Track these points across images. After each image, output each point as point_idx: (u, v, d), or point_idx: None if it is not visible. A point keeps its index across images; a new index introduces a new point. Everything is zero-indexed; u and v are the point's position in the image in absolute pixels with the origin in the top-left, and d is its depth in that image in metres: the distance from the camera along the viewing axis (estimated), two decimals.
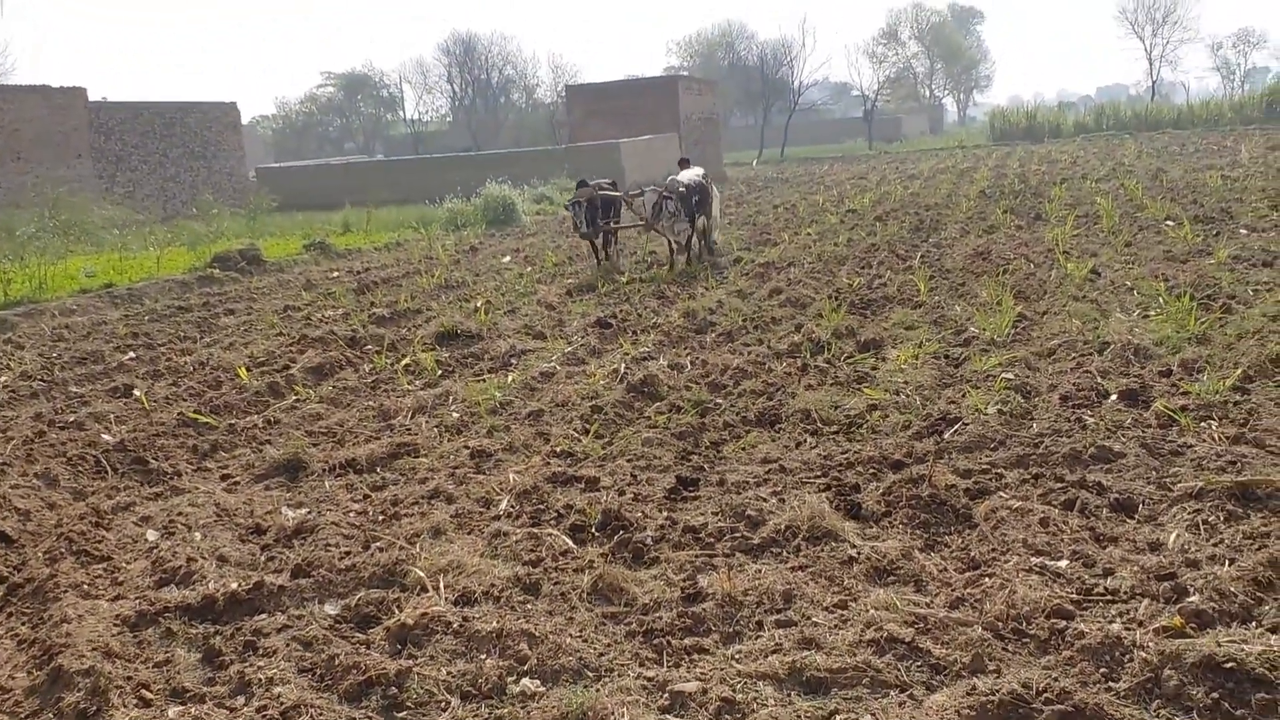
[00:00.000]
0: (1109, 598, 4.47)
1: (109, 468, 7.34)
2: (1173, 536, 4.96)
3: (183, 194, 36.07)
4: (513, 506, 6.04)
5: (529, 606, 4.76)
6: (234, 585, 5.04)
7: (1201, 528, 5.06)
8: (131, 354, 11.32)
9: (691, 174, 16.09)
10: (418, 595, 4.85)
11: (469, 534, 5.68)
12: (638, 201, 16.11)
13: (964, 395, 7.66)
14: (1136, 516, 5.36)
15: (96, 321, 13.64)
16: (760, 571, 4.94)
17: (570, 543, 5.43)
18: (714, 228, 16.81)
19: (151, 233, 23.04)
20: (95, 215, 24.62)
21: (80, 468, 7.31)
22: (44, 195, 26.92)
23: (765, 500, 5.89)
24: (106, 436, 7.90)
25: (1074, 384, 7.61)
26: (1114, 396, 7.27)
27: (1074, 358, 8.45)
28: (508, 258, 18.43)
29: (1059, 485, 5.75)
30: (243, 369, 9.93)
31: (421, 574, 5.01)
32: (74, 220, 22.75)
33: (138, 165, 36.07)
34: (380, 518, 6.07)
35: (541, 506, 6.02)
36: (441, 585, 4.91)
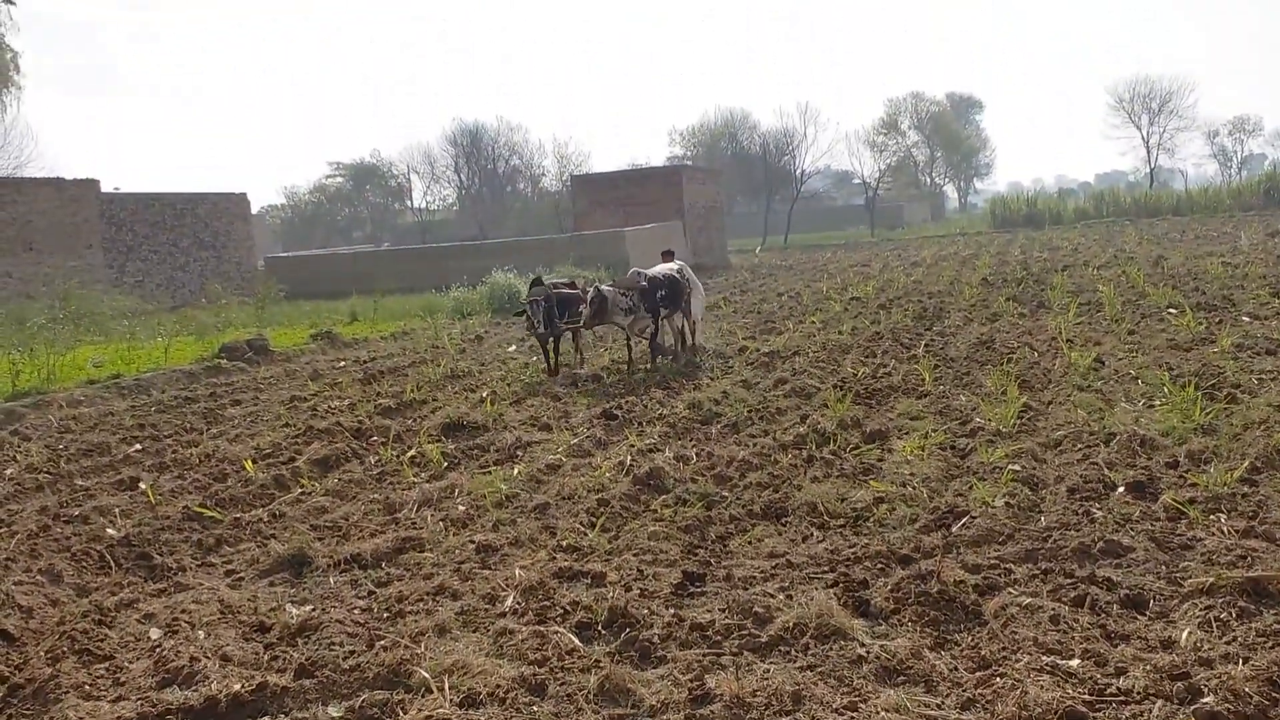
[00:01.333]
0: (1122, 698, 4.41)
1: (113, 563, 7.31)
2: (1185, 634, 4.91)
3: (192, 283, 36.48)
4: (519, 603, 6.00)
5: (535, 708, 4.70)
6: (237, 686, 4.98)
7: (1214, 625, 5.02)
8: (138, 446, 11.34)
9: (664, 268, 15.21)
10: (423, 697, 4.79)
11: (474, 632, 5.63)
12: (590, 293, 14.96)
13: (971, 488, 7.64)
14: (1147, 613, 5.32)
15: (104, 413, 13.68)
16: (769, 671, 4.88)
17: (576, 641, 5.37)
18: (695, 327, 15.92)
19: (160, 323, 23.24)
20: (105, 305, 24.80)
21: (84, 563, 7.28)
22: (55, 285, 27.18)
23: (772, 596, 5.85)
24: (111, 531, 7.89)
25: (1081, 476, 7.60)
26: (1121, 488, 7.26)
27: (1080, 449, 8.45)
28: (513, 347, 18.53)
29: (1068, 581, 5.70)
30: (249, 461, 9.94)
31: (426, 675, 4.96)
32: (84, 310, 22.93)
33: (148, 255, 36.55)
34: (385, 615, 6.02)
35: (548, 603, 5.97)
36: (446, 686, 4.86)
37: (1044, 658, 4.80)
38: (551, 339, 14.69)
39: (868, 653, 5.00)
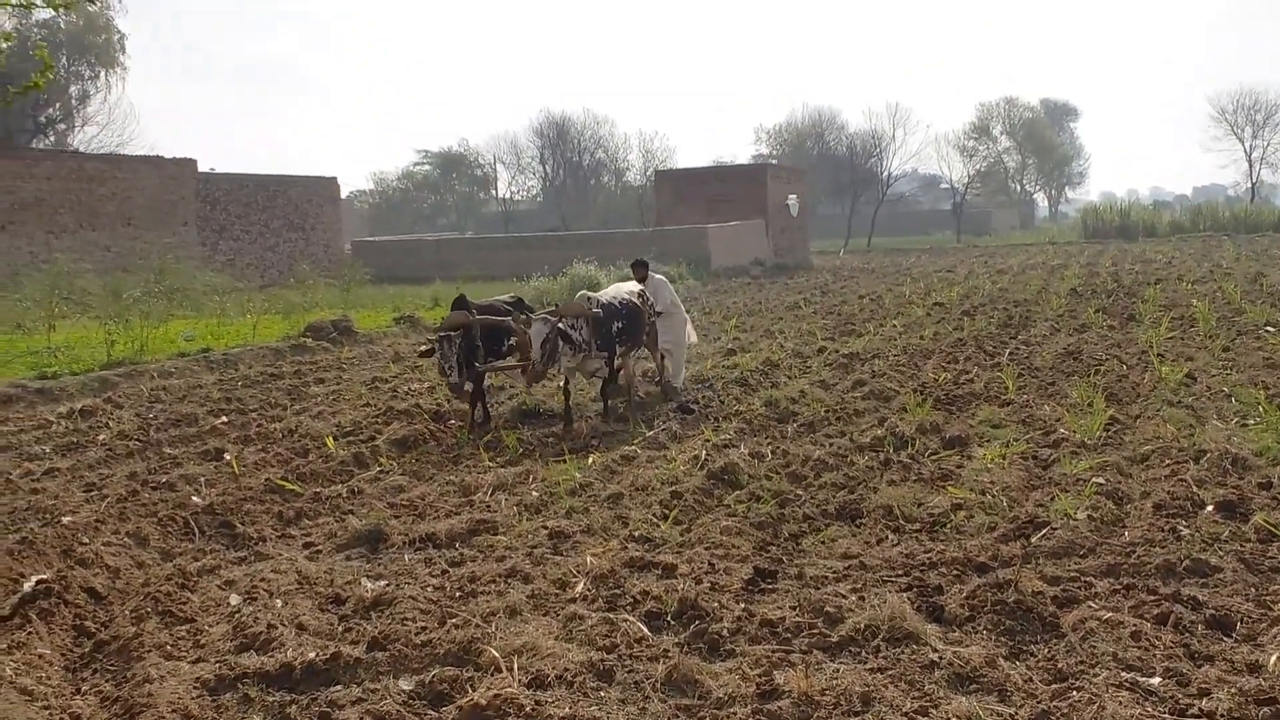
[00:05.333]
0: None
1: (197, 530, 7.51)
2: (1273, 659, 4.74)
3: (281, 263, 37.28)
4: (589, 590, 6.02)
5: (602, 694, 4.72)
6: (311, 655, 5.08)
7: None
8: (224, 418, 11.64)
9: (622, 289, 12.02)
10: (491, 675, 4.84)
11: (544, 615, 5.67)
12: (533, 328, 10.71)
13: (1053, 499, 7.47)
14: (1234, 635, 5.16)
15: (192, 385, 14.06)
16: (838, 671, 4.84)
17: (646, 630, 5.38)
18: (677, 365, 13.00)
19: (249, 300, 23.77)
20: (197, 281, 25.52)
21: (170, 528, 7.49)
22: (150, 260, 27.98)
23: (845, 597, 5.79)
24: (196, 499, 8.11)
25: (1168, 492, 7.38)
26: (1210, 507, 7.03)
27: (1168, 465, 8.21)
28: None
29: (1152, 598, 5.55)
30: (330, 438, 10.13)
31: (496, 654, 5.00)
32: (177, 286, 23.60)
33: (240, 235, 37.45)
34: (457, 594, 6.10)
35: (618, 591, 5.99)
36: (515, 667, 4.90)
37: (1124, 674, 4.68)
38: (471, 385, 11.06)
39: (940, 658, 4.92)
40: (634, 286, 12.19)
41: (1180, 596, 5.53)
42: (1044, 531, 6.72)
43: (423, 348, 11.83)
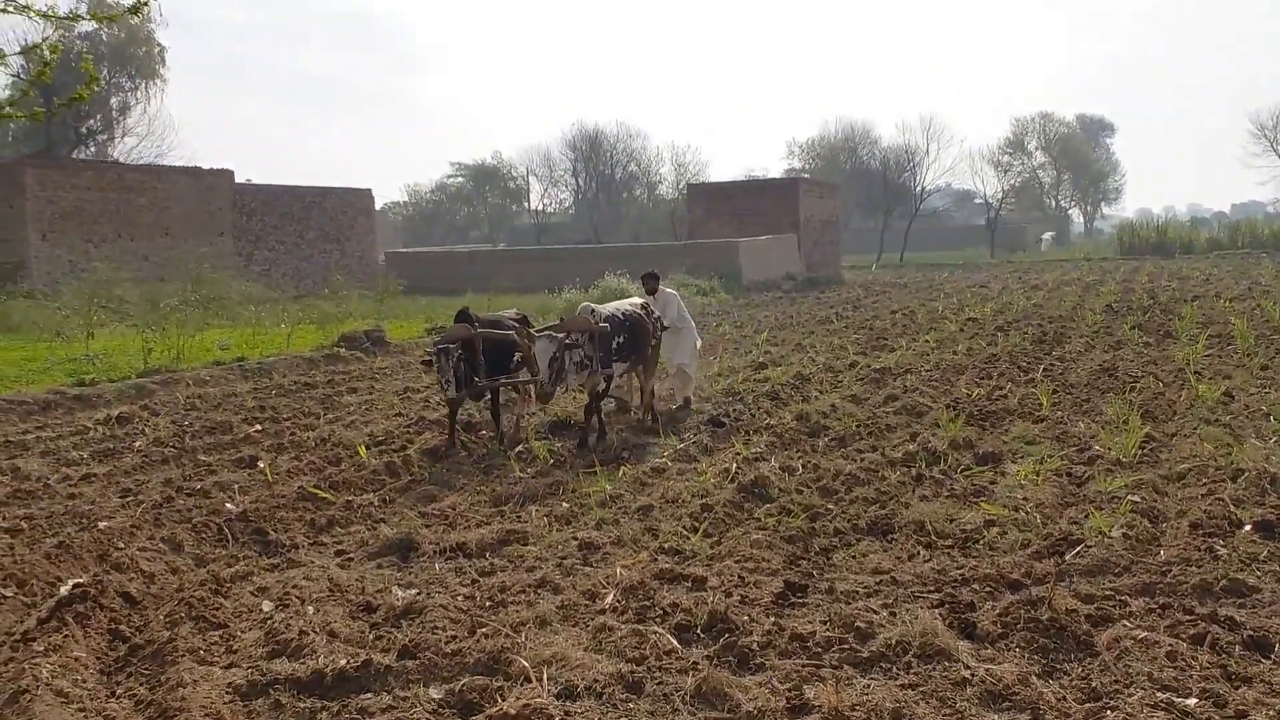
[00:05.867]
0: None
1: (230, 536, 7.58)
2: None
3: (316, 274, 37.58)
4: (619, 601, 6.02)
5: (631, 705, 4.71)
6: (342, 662, 5.11)
7: None
8: (258, 426, 11.75)
9: (621, 302, 11.89)
10: (521, 685, 4.84)
11: (574, 626, 5.67)
12: (538, 345, 10.39)
13: (1087, 516, 7.40)
14: (1272, 656, 5.08)
15: (227, 393, 14.20)
16: (869, 687, 4.81)
17: (675, 642, 5.37)
18: (688, 380, 12.87)
19: (284, 310, 23.98)
20: (233, 291, 25.77)
21: (204, 535, 7.57)
22: (187, 270, 28.30)
23: (875, 612, 5.75)
24: (230, 506, 8.18)
25: (1205, 511, 7.29)
26: (1248, 527, 6.94)
27: (1205, 483, 8.12)
28: None
29: (1188, 618, 5.48)
30: (362, 447, 10.19)
31: (525, 664, 5.01)
32: (213, 295, 23.83)
33: (275, 245, 37.83)
34: (487, 604, 6.11)
35: (647, 603, 5.98)
36: (545, 677, 4.90)
37: (1159, 694, 4.62)
38: (472, 400, 11.05)
39: (972, 675, 4.88)
40: (639, 301, 11.98)
41: (1217, 617, 5.46)
42: (1078, 549, 6.65)
43: (423, 358, 11.49)
